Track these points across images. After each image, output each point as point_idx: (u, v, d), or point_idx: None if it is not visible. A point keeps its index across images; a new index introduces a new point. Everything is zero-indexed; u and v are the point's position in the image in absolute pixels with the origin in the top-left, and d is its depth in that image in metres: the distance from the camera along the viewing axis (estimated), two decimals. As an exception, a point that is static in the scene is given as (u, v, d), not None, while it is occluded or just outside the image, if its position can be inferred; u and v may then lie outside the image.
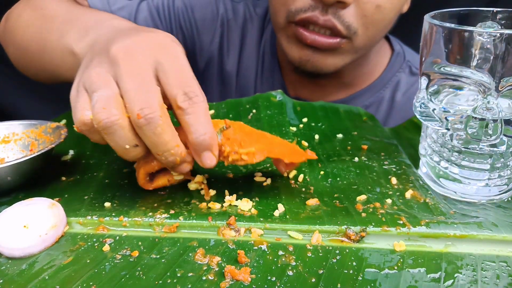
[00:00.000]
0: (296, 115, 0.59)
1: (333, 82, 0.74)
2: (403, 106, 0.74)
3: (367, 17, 0.60)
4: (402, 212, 0.39)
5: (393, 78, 0.75)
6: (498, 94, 0.37)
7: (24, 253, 0.35)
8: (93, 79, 0.36)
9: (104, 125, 0.35)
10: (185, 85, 0.36)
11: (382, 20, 0.62)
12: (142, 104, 0.35)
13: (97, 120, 0.35)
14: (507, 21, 0.42)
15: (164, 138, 0.36)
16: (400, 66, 0.75)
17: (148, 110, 0.35)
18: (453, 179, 0.42)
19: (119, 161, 0.49)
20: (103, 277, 0.33)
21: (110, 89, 0.36)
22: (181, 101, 0.36)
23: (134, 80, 0.36)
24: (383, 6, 0.60)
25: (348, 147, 0.51)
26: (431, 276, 0.33)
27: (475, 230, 0.37)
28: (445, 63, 0.39)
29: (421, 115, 0.43)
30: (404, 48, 0.78)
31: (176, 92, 0.36)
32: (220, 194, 0.42)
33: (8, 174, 0.41)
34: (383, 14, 0.61)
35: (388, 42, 0.79)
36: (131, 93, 0.35)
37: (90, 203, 0.41)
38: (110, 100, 0.35)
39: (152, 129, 0.35)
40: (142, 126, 0.35)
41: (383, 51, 0.76)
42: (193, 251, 0.35)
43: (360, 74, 0.74)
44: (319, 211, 0.39)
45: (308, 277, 0.33)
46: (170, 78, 0.37)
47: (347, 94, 0.76)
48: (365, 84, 0.75)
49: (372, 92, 0.75)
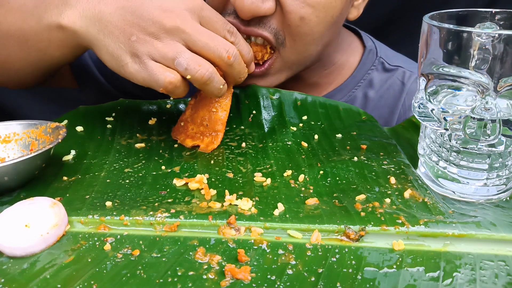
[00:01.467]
0: (296, 112, 0.59)
1: (298, 85, 0.71)
2: (377, 103, 0.71)
3: (291, 28, 0.57)
4: (401, 212, 0.39)
5: (366, 76, 0.72)
6: (496, 94, 0.37)
7: (26, 252, 0.35)
8: (166, 50, 0.45)
9: (207, 78, 0.45)
10: (224, 25, 0.48)
11: (310, 33, 0.58)
12: (223, 47, 0.46)
13: (200, 76, 0.45)
14: (506, 22, 0.43)
15: (243, 65, 0.50)
16: (373, 63, 0.73)
17: (231, 49, 0.47)
18: (451, 178, 0.42)
19: (121, 161, 0.49)
20: (104, 276, 0.33)
21: (188, 52, 0.45)
22: (229, 37, 0.48)
23: (201, 34, 0.45)
24: (308, 19, 0.56)
25: (347, 146, 0.52)
26: (429, 275, 0.34)
27: (474, 229, 0.37)
28: (444, 63, 0.39)
29: (420, 115, 0.43)
30: (376, 43, 0.75)
31: (224, 33, 0.48)
32: (220, 194, 0.42)
33: (5, 174, 0.41)
34: (309, 27, 0.57)
35: (359, 38, 0.76)
36: (210, 45, 0.46)
37: (92, 202, 0.41)
38: (197, 59, 0.45)
39: (238, 61, 0.48)
40: (232, 64, 0.47)
41: (353, 49, 0.74)
42: (193, 250, 0.36)
43: (325, 73, 0.72)
44: (318, 211, 0.40)
45: (308, 276, 0.33)
46: (213, 23, 0.47)
47: (318, 95, 0.72)
48: (335, 83, 0.73)
49: (344, 92, 0.72)
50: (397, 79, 0.72)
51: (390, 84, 0.72)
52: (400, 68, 0.72)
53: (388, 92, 0.72)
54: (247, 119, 0.58)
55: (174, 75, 0.45)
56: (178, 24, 0.45)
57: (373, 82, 0.72)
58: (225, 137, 0.54)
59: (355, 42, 0.75)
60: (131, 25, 0.45)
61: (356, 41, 0.75)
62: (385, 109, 0.71)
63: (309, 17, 0.56)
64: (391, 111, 0.71)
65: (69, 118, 0.58)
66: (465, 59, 0.37)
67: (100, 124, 0.57)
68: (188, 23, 0.45)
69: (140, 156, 0.50)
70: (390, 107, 0.71)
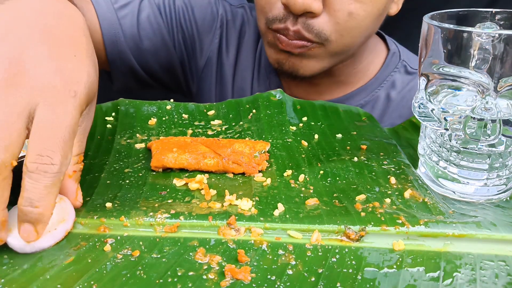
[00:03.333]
0: (296, 114, 0.59)
1: (326, 81, 0.75)
2: (398, 103, 0.74)
3: (340, 25, 0.60)
4: (401, 212, 0.39)
5: (389, 77, 0.75)
6: (496, 94, 0.37)
7: (35, 249, 0.36)
8: None
9: None
10: (46, 145, 0.32)
11: (357, 27, 0.61)
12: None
13: None
14: (506, 22, 0.43)
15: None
16: (396, 66, 0.76)
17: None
18: (451, 179, 0.42)
19: (121, 161, 0.49)
20: (104, 277, 0.33)
21: None
22: (29, 161, 0.32)
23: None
24: (356, 13, 0.59)
25: (347, 147, 0.51)
26: (430, 275, 0.34)
27: (474, 229, 0.37)
28: (444, 63, 0.39)
29: (420, 115, 0.43)
30: (399, 47, 0.78)
31: (32, 150, 0.32)
32: (220, 194, 0.42)
33: None
34: (356, 21, 0.60)
35: (384, 41, 0.79)
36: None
37: (92, 203, 0.41)
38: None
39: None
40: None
41: (378, 51, 0.77)
42: (193, 251, 0.36)
43: (353, 72, 0.75)
44: (318, 211, 0.40)
45: (308, 276, 0.33)
46: (38, 131, 0.33)
47: (342, 93, 0.76)
48: (359, 83, 0.76)
49: (367, 92, 0.75)
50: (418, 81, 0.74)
51: (412, 86, 0.75)
52: None
53: (409, 93, 0.74)
54: (246, 117, 0.58)
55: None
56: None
57: (396, 83, 0.75)
58: (225, 135, 0.54)
59: (379, 45, 0.78)
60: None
61: (381, 44, 0.78)
62: (406, 110, 0.74)
63: (357, 11, 0.59)
64: (412, 112, 0.73)
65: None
66: (465, 59, 0.37)
67: (100, 124, 0.57)
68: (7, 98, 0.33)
69: (140, 156, 0.50)
70: (410, 108, 0.73)
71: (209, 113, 0.60)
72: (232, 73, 0.80)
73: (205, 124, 0.57)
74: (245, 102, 0.61)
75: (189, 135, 0.55)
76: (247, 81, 0.80)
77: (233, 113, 0.59)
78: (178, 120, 0.59)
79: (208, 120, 0.58)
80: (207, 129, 0.56)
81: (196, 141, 0.49)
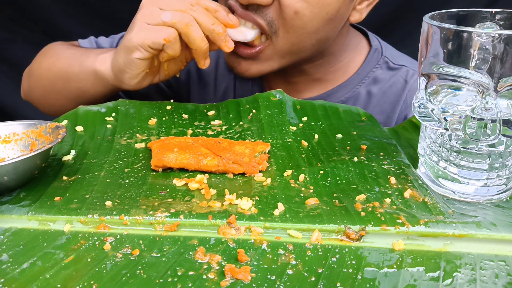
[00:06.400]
0: (296, 114, 0.59)
1: (303, 80, 0.75)
2: (380, 99, 0.74)
3: (286, 21, 0.61)
4: (401, 212, 0.39)
5: (370, 73, 0.75)
6: (496, 94, 0.37)
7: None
8: (152, 15, 0.57)
9: (188, 21, 0.56)
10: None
11: (303, 27, 0.61)
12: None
13: (184, 21, 0.56)
14: (506, 22, 0.43)
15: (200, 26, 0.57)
16: (377, 62, 0.75)
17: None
18: (452, 179, 0.42)
19: (121, 161, 0.49)
20: (104, 276, 0.33)
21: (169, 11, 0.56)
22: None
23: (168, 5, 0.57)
24: (302, 13, 0.60)
25: (347, 147, 0.51)
26: (430, 275, 0.33)
27: (474, 229, 0.37)
28: (444, 63, 0.39)
29: (420, 115, 0.43)
30: (382, 44, 0.78)
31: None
32: (220, 194, 0.42)
33: (5, 174, 0.41)
34: (302, 21, 0.61)
35: (367, 38, 0.79)
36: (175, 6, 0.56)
37: (91, 202, 0.41)
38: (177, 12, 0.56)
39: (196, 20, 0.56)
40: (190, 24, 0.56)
41: (360, 48, 0.77)
42: (193, 250, 0.36)
43: (331, 70, 0.75)
44: (318, 210, 0.40)
45: (308, 276, 0.33)
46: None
47: (322, 90, 0.76)
48: (340, 80, 0.76)
49: (348, 88, 0.75)
50: (400, 77, 0.74)
51: (393, 82, 0.75)
52: (403, 67, 0.75)
53: (391, 89, 0.74)
54: (246, 117, 0.58)
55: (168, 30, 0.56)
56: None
57: (377, 79, 0.75)
58: (225, 135, 0.54)
59: (362, 42, 0.78)
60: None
61: (363, 41, 0.78)
62: (387, 105, 0.74)
63: (303, 11, 0.60)
64: (393, 107, 0.74)
65: (69, 118, 0.58)
66: (465, 59, 0.37)
67: (100, 124, 0.57)
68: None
69: (140, 156, 0.50)
70: (392, 103, 0.74)
71: (209, 113, 0.60)
72: (214, 77, 0.81)
73: (205, 124, 0.57)
74: (245, 102, 0.61)
75: (189, 135, 0.55)
76: (229, 83, 0.81)
77: (233, 113, 0.59)
78: (178, 120, 0.59)
79: (208, 120, 0.58)
80: (207, 129, 0.56)
81: (197, 143, 0.49)
